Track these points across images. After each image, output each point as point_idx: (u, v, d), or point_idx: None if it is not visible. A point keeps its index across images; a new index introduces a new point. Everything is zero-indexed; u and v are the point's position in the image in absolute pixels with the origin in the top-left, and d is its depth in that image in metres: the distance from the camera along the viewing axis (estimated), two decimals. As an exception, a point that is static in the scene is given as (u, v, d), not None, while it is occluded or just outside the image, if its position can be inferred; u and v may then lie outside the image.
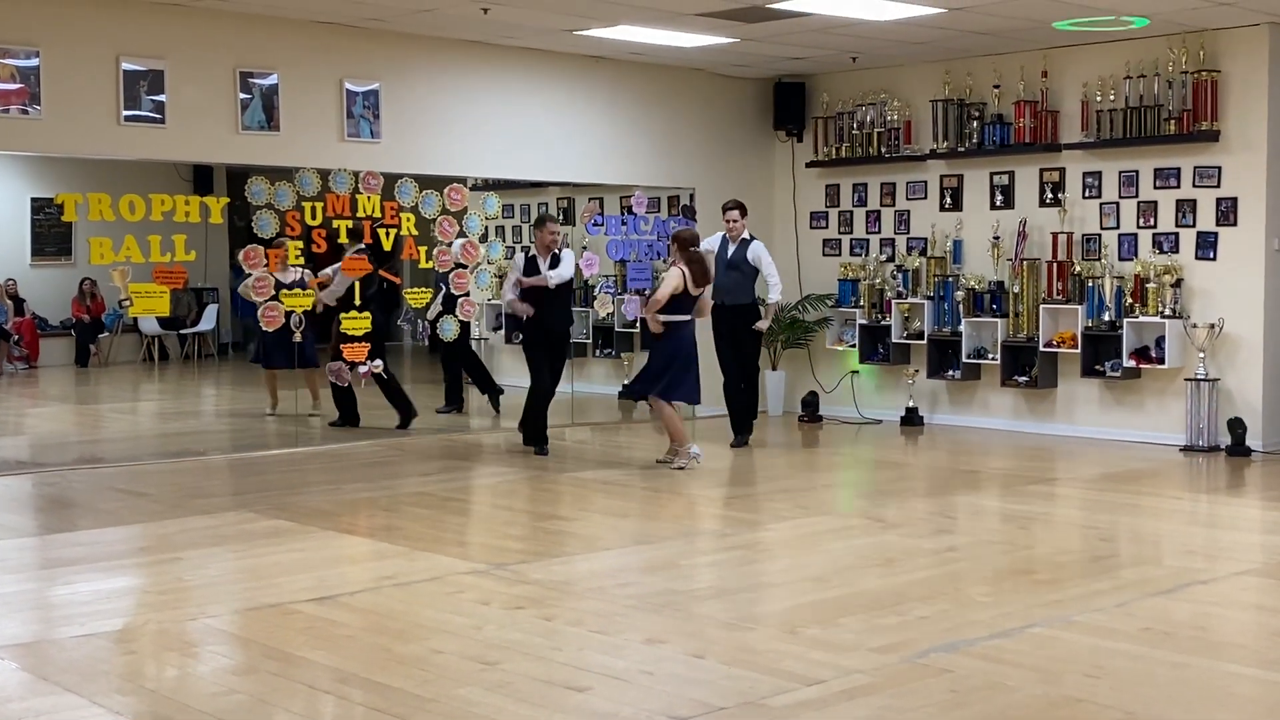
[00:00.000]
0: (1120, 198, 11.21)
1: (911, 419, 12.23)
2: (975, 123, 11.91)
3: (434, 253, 11.04)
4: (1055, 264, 11.36)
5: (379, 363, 11.18)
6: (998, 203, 11.92)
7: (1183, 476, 9.82)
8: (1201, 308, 10.79)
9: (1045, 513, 8.54)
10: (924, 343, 12.19)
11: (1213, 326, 10.57)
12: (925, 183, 12.40)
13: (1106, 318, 11.03)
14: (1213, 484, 9.69)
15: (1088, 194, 11.38)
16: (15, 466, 10.20)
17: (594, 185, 12.96)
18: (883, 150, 12.55)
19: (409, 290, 11.20)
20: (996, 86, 11.73)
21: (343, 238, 10.82)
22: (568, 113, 11.91)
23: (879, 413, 12.64)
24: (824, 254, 13.11)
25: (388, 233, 10.67)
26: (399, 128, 10.85)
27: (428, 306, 11.42)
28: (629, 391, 10.10)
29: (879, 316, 12.47)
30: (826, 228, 13.14)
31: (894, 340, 12.35)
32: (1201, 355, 10.60)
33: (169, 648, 5.44)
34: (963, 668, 5.06)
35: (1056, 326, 11.39)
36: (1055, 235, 11.41)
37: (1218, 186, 10.72)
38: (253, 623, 5.75)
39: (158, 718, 4.60)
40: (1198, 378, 10.60)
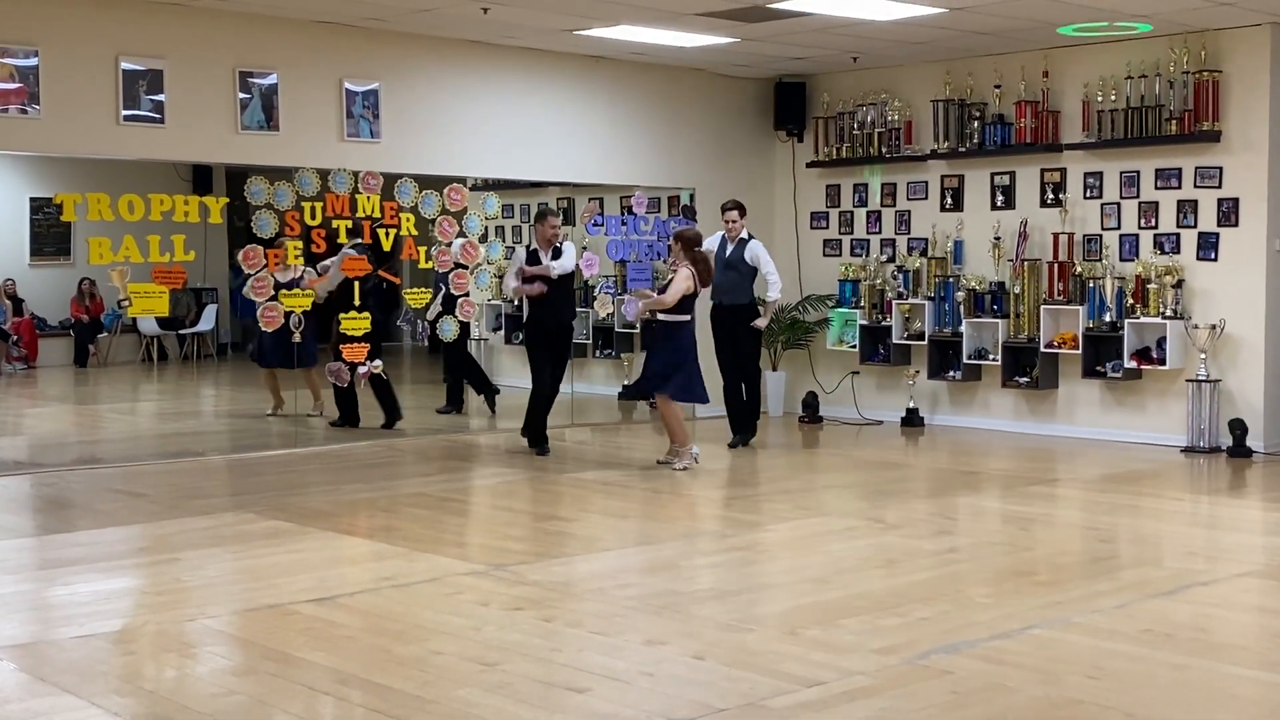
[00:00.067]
0: (1121, 198, 11.20)
1: (912, 420, 12.22)
2: (976, 123, 11.90)
3: (433, 253, 11.03)
4: (1056, 264, 11.34)
5: (379, 363, 11.16)
6: (999, 203, 11.91)
7: (1184, 478, 9.81)
8: (1203, 308, 10.78)
9: (1046, 514, 8.53)
10: (925, 343, 12.18)
11: (1214, 327, 10.56)
12: (926, 183, 12.39)
13: (1107, 318, 11.01)
14: (1214, 485, 9.68)
15: (1089, 194, 11.37)
16: (14, 467, 10.19)
17: (594, 185, 12.94)
18: (883, 150, 12.54)
19: (409, 290, 11.19)
20: (997, 86, 11.72)
21: (342, 238, 10.82)
22: (568, 113, 11.90)
23: (879, 414, 12.62)
24: (824, 254, 13.10)
25: (387, 233, 10.67)
26: (399, 128, 10.84)
27: (427, 307, 11.41)
28: (635, 390, 10.05)
29: (880, 317, 12.46)
30: (827, 228, 13.13)
31: (895, 341, 12.33)
32: (1203, 356, 10.59)
33: (168, 649, 5.43)
34: (963, 669, 5.05)
35: (1057, 327, 11.38)
36: (1056, 236, 11.40)
37: (1219, 187, 10.71)
38: (251, 624, 5.73)
39: (156, 718, 4.58)
40: (1199, 379, 10.59)
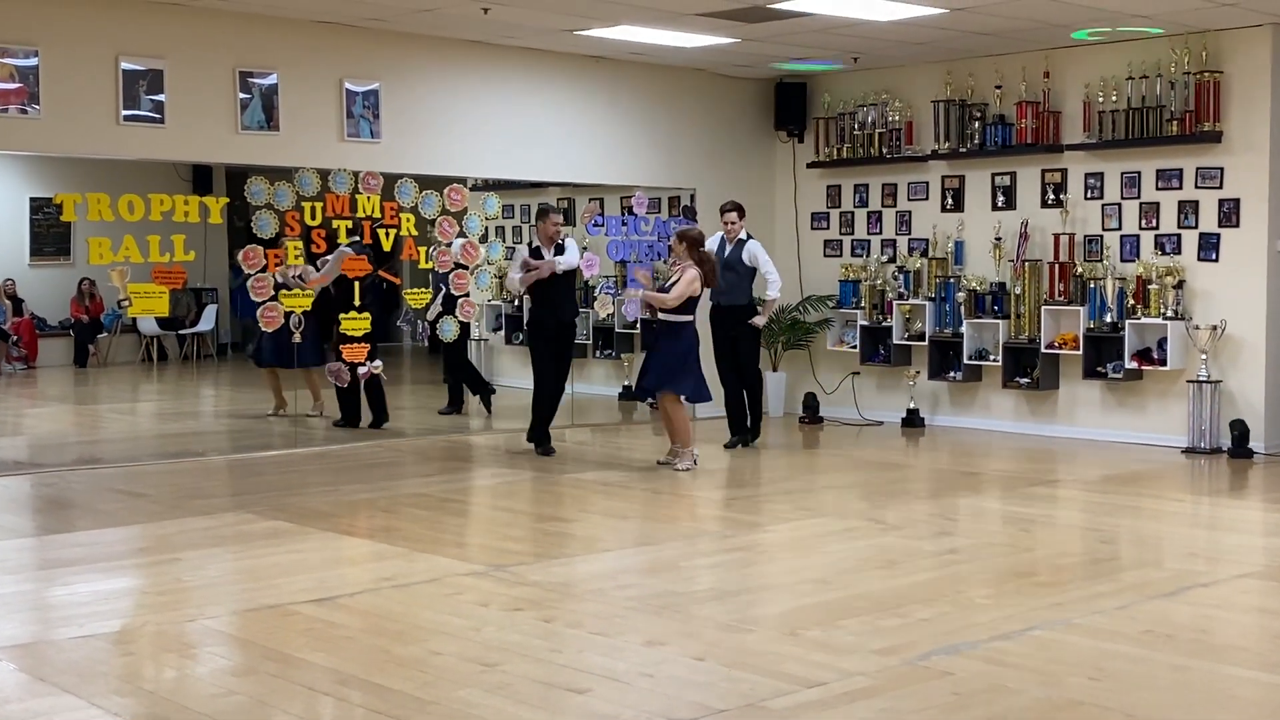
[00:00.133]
0: (1122, 199, 11.20)
1: (912, 420, 12.21)
2: (977, 123, 11.89)
3: (434, 253, 11.02)
4: (1057, 265, 11.34)
5: (379, 363, 11.15)
6: (999, 204, 11.90)
7: (1184, 479, 9.80)
8: (1203, 309, 10.77)
9: (1047, 515, 8.52)
10: (925, 344, 12.18)
11: (1215, 328, 10.55)
12: (927, 183, 12.38)
13: (1108, 319, 11.01)
14: (1214, 486, 9.67)
15: (1089, 195, 11.36)
16: (14, 467, 10.18)
17: (594, 185, 12.93)
18: (884, 151, 12.54)
19: (409, 290, 11.18)
20: (998, 87, 11.71)
21: (342, 238, 10.81)
22: (568, 113, 11.89)
23: (880, 414, 12.62)
24: (825, 255, 13.10)
25: (387, 233, 10.66)
26: (399, 128, 10.83)
27: (427, 307, 11.41)
28: (644, 389, 9.99)
29: (880, 318, 12.46)
30: (827, 228, 13.12)
31: (895, 341, 12.33)
32: (1203, 357, 10.58)
33: (167, 649, 5.42)
34: (964, 670, 5.04)
35: (1058, 328, 11.37)
36: (1057, 236, 11.39)
37: (1220, 188, 10.70)
38: (251, 624, 5.73)
39: (156, 719, 4.58)
40: (1200, 379, 10.58)
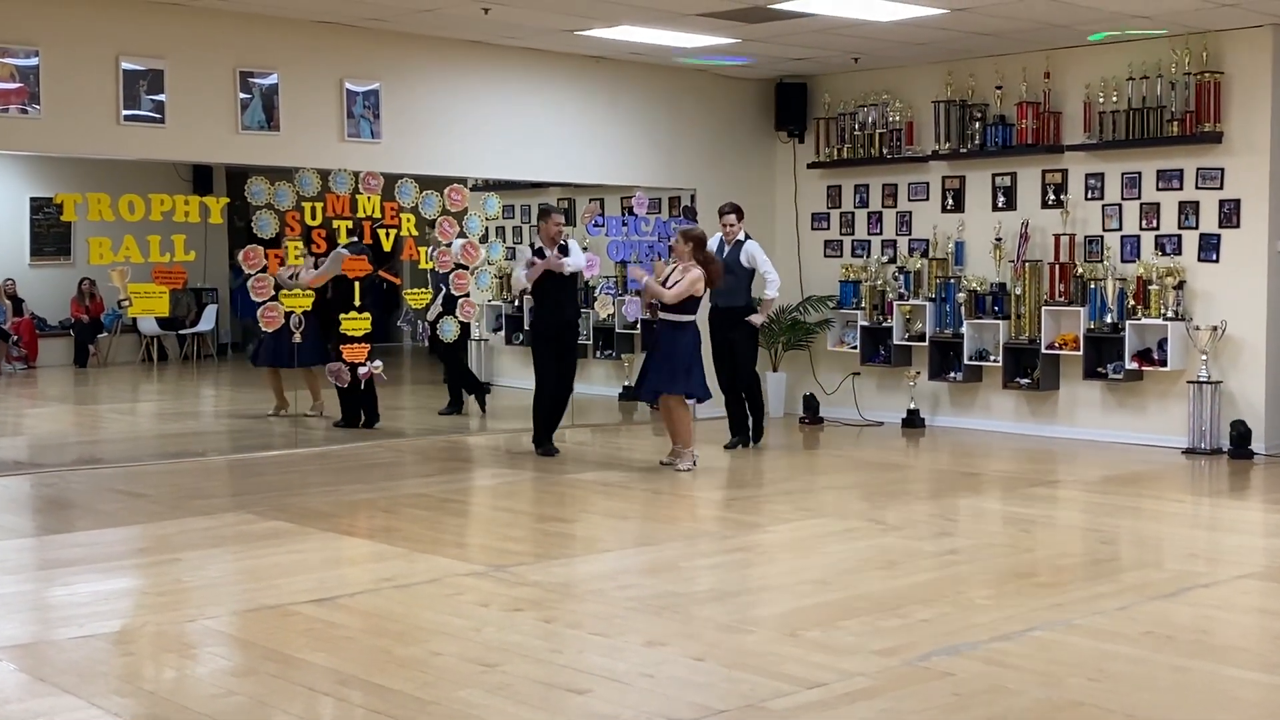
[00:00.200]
0: (1123, 199, 11.19)
1: (913, 421, 12.21)
2: (977, 124, 11.89)
3: (434, 253, 11.01)
4: (1057, 266, 11.33)
5: (379, 364, 11.15)
6: (1000, 204, 11.90)
7: (1185, 479, 9.80)
8: (1204, 310, 10.76)
9: (1047, 515, 8.52)
10: (925, 344, 12.17)
11: (1215, 329, 10.55)
12: (927, 184, 12.38)
13: (1109, 320, 11.00)
14: (1215, 487, 9.66)
15: (1090, 195, 11.36)
16: (14, 467, 10.18)
17: (594, 186, 12.93)
18: (884, 151, 12.53)
19: (409, 291, 11.18)
20: (999, 87, 11.71)
21: (342, 238, 10.81)
22: (568, 113, 11.89)
23: (880, 415, 12.61)
24: (825, 255, 13.09)
25: (388, 233, 10.66)
26: (399, 128, 10.83)
27: (428, 307, 11.40)
28: (649, 393, 9.96)
29: (880, 318, 12.45)
30: (828, 229, 13.12)
31: (895, 342, 12.33)
32: (1204, 357, 10.58)
33: (168, 649, 5.42)
34: (964, 671, 5.04)
35: (1058, 328, 11.37)
36: (1057, 237, 11.39)
37: (1220, 188, 10.70)
38: (252, 624, 5.73)
39: (156, 719, 4.59)
40: (1200, 380, 10.58)
